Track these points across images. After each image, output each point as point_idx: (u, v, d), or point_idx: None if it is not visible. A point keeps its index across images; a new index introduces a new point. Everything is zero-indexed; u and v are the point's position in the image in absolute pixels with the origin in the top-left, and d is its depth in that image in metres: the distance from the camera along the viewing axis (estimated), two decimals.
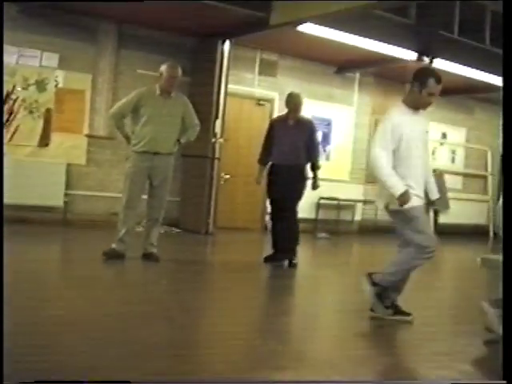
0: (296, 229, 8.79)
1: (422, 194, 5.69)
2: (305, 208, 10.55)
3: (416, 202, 5.57)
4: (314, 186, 8.85)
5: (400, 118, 5.55)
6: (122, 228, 7.94)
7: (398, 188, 5.45)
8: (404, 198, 5.45)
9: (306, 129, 8.84)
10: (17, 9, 10.55)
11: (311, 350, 4.80)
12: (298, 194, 8.69)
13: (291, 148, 8.62)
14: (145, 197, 8.17)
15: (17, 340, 4.11)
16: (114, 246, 7.93)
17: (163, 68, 7.97)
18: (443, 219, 15.48)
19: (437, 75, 5.54)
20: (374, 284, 5.70)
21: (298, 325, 5.74)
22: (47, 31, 10.99)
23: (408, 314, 5.73)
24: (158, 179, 8.00)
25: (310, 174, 8.80)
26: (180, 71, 8.01)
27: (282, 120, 9.00)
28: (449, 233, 14.92)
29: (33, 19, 10.81)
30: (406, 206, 5.51)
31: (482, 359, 4.82)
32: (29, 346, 4.08)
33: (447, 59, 12.52)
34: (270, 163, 8.82)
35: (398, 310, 5.74)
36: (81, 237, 10.51)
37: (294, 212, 8.73)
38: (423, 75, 5.55)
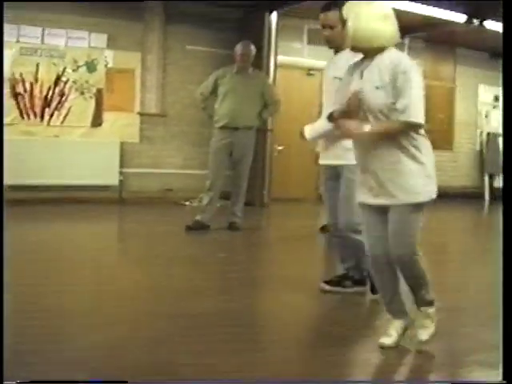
0: None
1: None
2: None
3: None
4: None
5: None
6: (205, 200, 8.42)
7: None
8: None
9: None
10: None
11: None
12: None
13: None
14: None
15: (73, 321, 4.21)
16: (198, 217, 8.40)
17: (237, 47, 8.41)
18: (498, 183, 15.32)
19: None
20: None
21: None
22: (94, 12, 11.02)
23: None
24: (238, 154, 8.42)
25: None
26: (253, 48, 8.44)
27: None
28: None
29: (78, 1, 10.86)
30: None
31: None
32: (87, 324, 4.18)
33: (497, 20, 12.31)
34: None
35: None
36: (137, 214, 10.61)
37: None
38: None
